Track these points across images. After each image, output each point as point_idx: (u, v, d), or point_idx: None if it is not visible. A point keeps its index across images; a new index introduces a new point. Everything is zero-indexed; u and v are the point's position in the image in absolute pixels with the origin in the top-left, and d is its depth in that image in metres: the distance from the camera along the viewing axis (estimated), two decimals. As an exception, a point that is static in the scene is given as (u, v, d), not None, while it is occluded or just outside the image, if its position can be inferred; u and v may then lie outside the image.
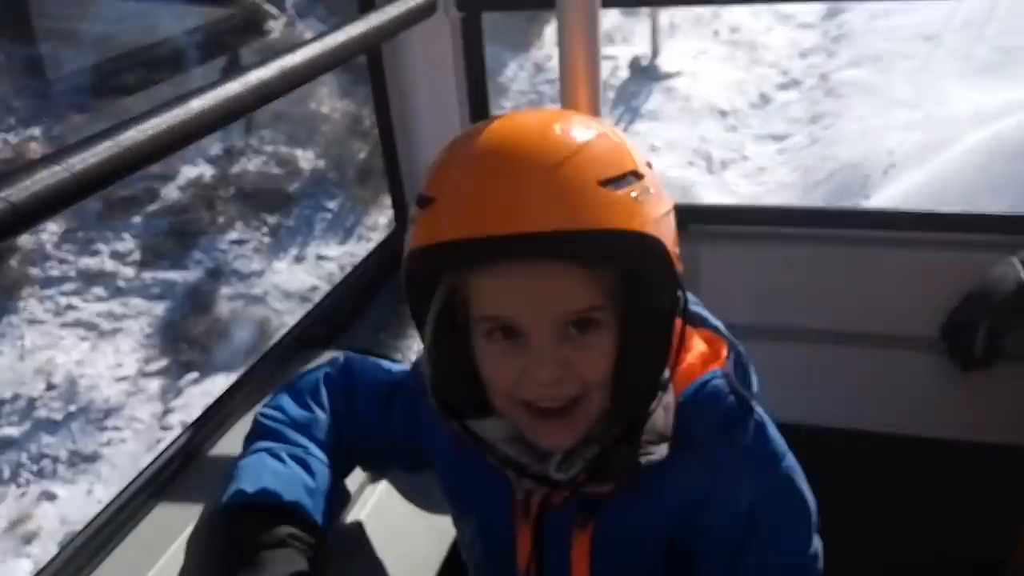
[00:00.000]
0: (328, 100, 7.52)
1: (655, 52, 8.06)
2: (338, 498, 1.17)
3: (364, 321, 1.66)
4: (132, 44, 6.88)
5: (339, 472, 1.16)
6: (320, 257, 6.12)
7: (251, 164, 6.71)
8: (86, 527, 1.10)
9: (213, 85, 1.06)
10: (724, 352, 1.01)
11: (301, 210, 6.54)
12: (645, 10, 7.82)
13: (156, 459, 1.22)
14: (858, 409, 1.86)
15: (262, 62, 1.15)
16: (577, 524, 1.00)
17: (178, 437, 1.27)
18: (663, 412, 0.95)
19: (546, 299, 0.87)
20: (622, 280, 0.91)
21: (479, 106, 1.92)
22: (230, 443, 1.27)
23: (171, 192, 6.38)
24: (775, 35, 8.46)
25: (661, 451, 0.94)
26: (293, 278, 5.91)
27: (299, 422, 1.14)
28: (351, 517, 1.30)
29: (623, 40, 8.41)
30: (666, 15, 8.17)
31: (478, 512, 1.10)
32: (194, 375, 5.24)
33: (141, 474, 1.19)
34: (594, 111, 1.40)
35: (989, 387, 1.74)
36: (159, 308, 5.72)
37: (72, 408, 5.04)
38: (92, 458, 4.82)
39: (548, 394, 0.90)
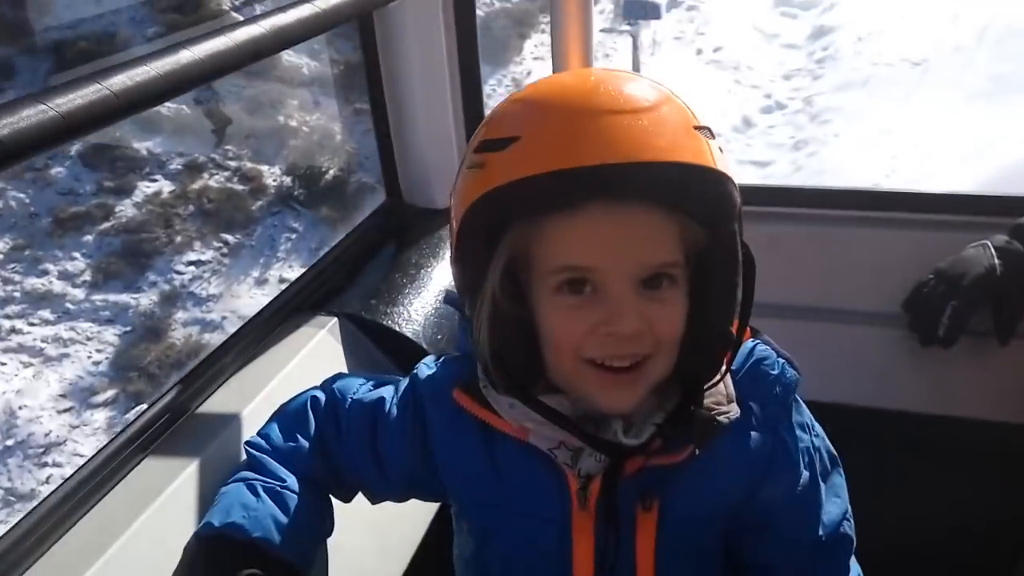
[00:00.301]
0: (298, 113, 7.24)
1: (636, 70, 7.85)
2: (319, 528, 1.10)
3: (356, 286, 1.65)
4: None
5: (320, 503, 1.10)
6: (283, 280, 5.83)
7: (213, 180, 6.41)
8: (67, 480, 1.08)
9: (203, 38, 1.05)
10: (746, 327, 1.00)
11: (264, 229, 6.25)
12: (626, 26, 7.60)
13: (141, 415, 1.21)
14: (838, 384, 1.86)
15: (253, 19, 1.14)
16: (643, 506, 0.94)
17: (165, 393, 1.26)
18: (725, 379, 0.94)
19: (630, 247, 0.85)
20: (703, 236, 0.88)
21: (470, 74, 1.88)
22: (219, 401, 1.28)
23: (126, 208, 6.07)
24: (759, 55, 8.27)
25: (734, 410, 0.93)
26: (253, 303, 5.62)
27: (281, 452, 1.09)
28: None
29: (604, 56, 8.19)
30: (648, 32, 7.96)
31: (525, 514, 1.00)
32: (143, 408, 4.93)
33: (126, 429, 1.17)
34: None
35: (966, 362, 1.77)
36: (109, 333, 5.41)
37: (9, 442, 4.71)
38: (29, 497, 4.50)
39: (622, 350, 0.87)
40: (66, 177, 6.18)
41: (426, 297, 1.65)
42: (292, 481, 1.05)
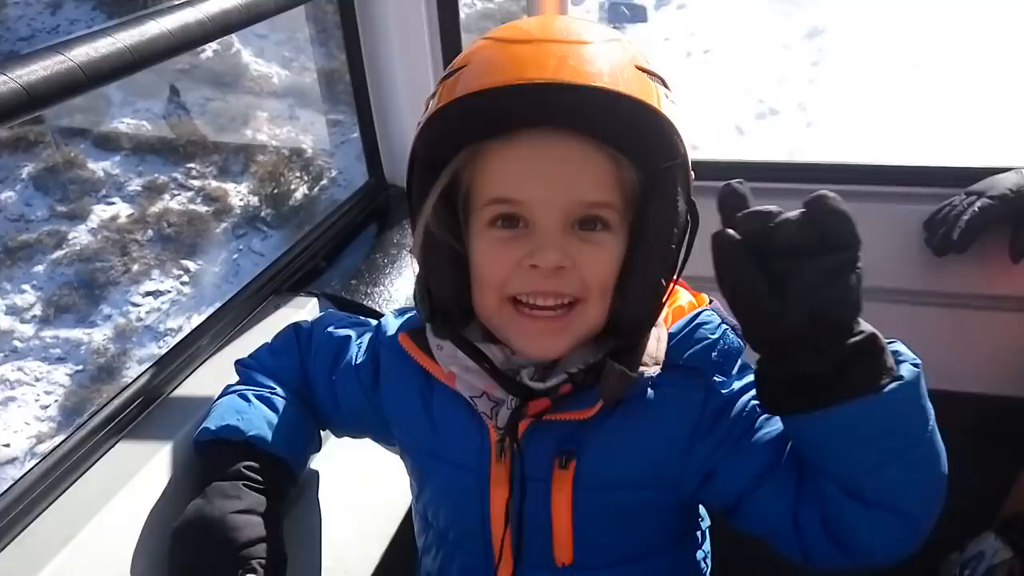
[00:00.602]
0: (267, 126, 6.87)
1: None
2: (308, 434, 1.15)
3: (337, 267, 1.64)
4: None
5: (307, 414, 1.14)
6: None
7: (175, 201, 6.04)
8: (39, 463, 1.07)
9: (171, 9, 1.03)
10: (707, 299, 1.00)
11: (229, 254, 5.88)
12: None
13: (115, 396, 1.19)
14: None
15: None
16: (560, 463, 0.93)
17: (140, 376, 1.24)
18: (655, 341, 0.93)
19: (561, 181, 0.84)
20: (643, 182, 0.87)
21: (451, 52, 1.86)
22: (195, 384, 1.27)
23: (80, 235, 5.70)
24: (751, 57, 7.91)
25: (653, 370, 0.91)
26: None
27: (268, 368, 1.15)
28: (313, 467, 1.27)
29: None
30: (635, 34, 7.61)
31: (449, 462, 1.01)
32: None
33: (99, 412, 1.16)
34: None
35: (964, 336, 1.79)
36: (60, 373, 5.06)
37: (-53, 499, 4.38)
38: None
39: (546, 286, 0.86)
40: (16, 202, 5.81)
41: (407, 277, 1.62)
42: (280, 390, 1.11)
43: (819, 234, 0.71)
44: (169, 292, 5.49)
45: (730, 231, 0.74)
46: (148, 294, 5.46)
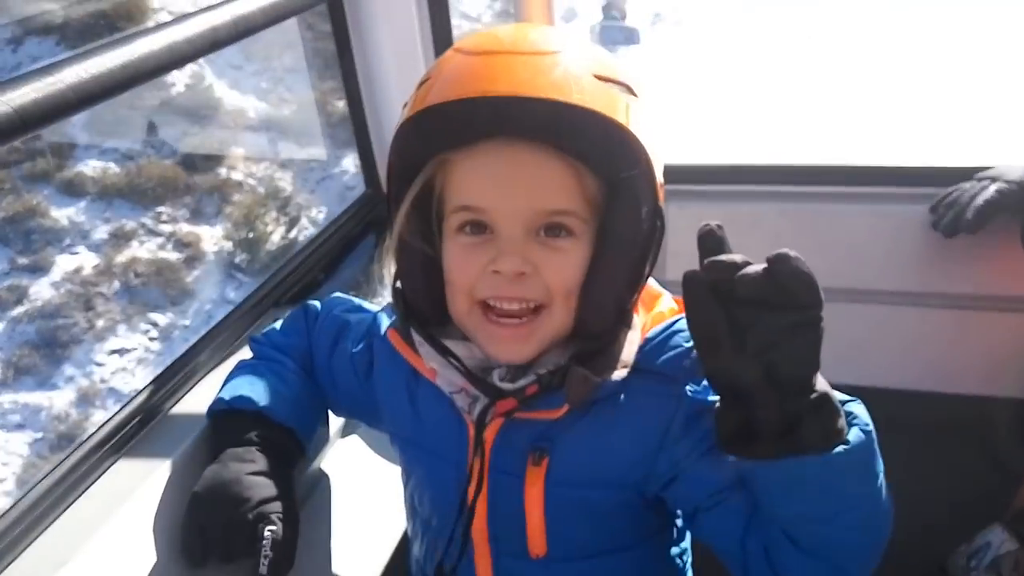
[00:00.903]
0: (243, 164, 6.52)
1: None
2: (317, 408, 1.20)
3: (334, 279, 1.66)
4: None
5: (315, 388, 1.19)
6: (221, 365, 5.16)
7: (144, 248, 5.71)
8: (38, 483, 1.05)
9: (159, 27, 1.04)
10: None
11: (200, 304, 5.55)
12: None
13: (114, 415, 1.18)
14: (831, 363, 1.74)
15: (214, 7, 1.12)
16: (533, 460, 0.96)
17: (138, 393, 1.23)
18: (628, 345, 0.94)
19: (522, 190, 0.87)
20: (606, 191, 0.89)
21: None
22: (195, 400, 1.27)
23: (42, 289, 5.37)
24: (746, 76, 7.59)
25: (619, 374, 0.93)
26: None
27: (279, 345, 1.20)
28: (320, 467, 1.32)
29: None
30: (627, 54, 7.33)
31: (432, 453, 1.05)
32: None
33: (98, 431, 1.14)
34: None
35: (961, 337, 1.81)
36: (17, 442, 4.73)
37: None
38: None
39: (509, 291, 0.89)
40: (-27, 255, 5.49)
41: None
42: (290, 363, 1.17)
43: (780, 290, 0.73)
44: (135, 349, 5.16)
45: (699, 271, 0.76)
46: (113, 352, 5.13)
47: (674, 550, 1.10)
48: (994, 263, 1.72)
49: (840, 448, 0.78)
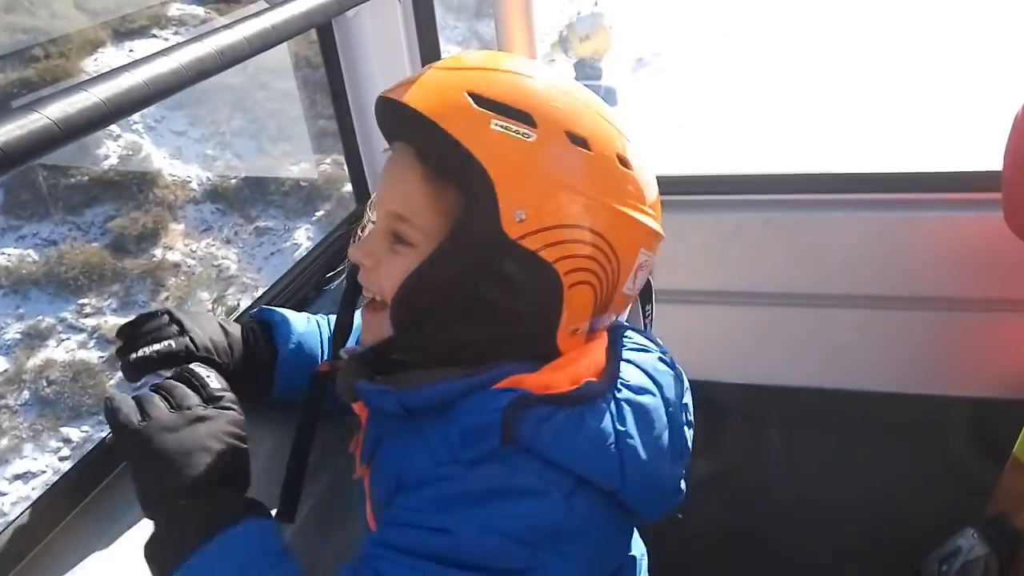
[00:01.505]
0: (182, 241, 5.86)
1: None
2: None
3: (325, 295, 1.66)
4: None
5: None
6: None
7: (61, 348, 5.04)
8: (35, 502, 1.08)
9: (145, 60, 1.01)
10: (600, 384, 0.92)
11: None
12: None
13: (107, 436, 1.18)
14: (807, 367, 1.94)
15: (198, 37, 1.10)
16: (364, 458, 1.02)
17: None
18: (443, 377, 0.91)
19: (385, 190, 0.92)
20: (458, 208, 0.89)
21: None
22: None
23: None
24: (731, 128, 7.03)
25: (391, 389, 0.93)
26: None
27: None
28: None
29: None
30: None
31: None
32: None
33: (98, 446, 1.16)
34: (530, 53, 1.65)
35: (946, 340, 1.82)
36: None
37: None
38: None
39: (362, 278, 0.96)
40: None
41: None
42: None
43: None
44: (44, 472, 4.47)
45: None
46: (17, 477, 4.44)
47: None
48: (959, 266, 1.75)
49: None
